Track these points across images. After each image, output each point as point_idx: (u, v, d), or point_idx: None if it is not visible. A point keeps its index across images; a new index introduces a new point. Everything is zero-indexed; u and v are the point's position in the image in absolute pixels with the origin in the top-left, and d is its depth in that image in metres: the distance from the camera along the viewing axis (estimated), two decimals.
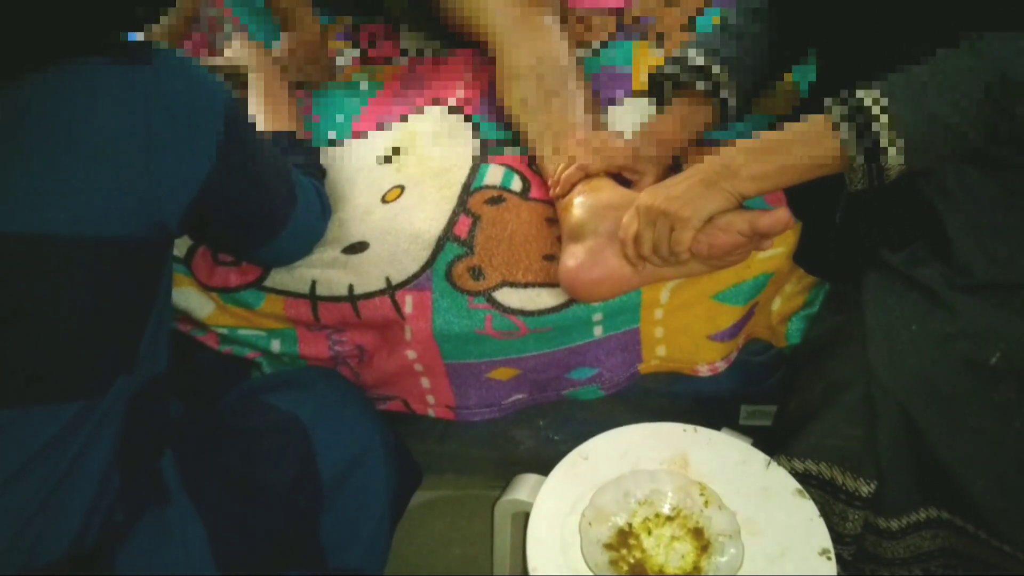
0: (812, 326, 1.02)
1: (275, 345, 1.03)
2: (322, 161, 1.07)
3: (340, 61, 1.30)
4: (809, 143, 0.81)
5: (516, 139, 1.10)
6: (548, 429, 1.19)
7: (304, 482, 0.88)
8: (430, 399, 1.06)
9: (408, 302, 0.96)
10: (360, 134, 1.16)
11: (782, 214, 0.82)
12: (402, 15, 1.35)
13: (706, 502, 0.83)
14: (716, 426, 0.93)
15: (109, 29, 0.70)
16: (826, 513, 0.83)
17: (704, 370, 1.05)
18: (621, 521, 0.83)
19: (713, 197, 0.82)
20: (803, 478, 0.89)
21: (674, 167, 1.03)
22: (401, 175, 1.05)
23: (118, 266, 0.70)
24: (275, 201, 0.87)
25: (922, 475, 0.88)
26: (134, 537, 0.76)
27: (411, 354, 1.00)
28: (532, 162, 1.07)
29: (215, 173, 0.74)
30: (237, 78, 1.11)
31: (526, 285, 0.95)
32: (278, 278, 0.98)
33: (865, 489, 0.88)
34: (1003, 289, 0.86)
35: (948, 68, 0.76)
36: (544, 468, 0.90)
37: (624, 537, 0.82)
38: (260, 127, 1.03)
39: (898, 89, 0.77)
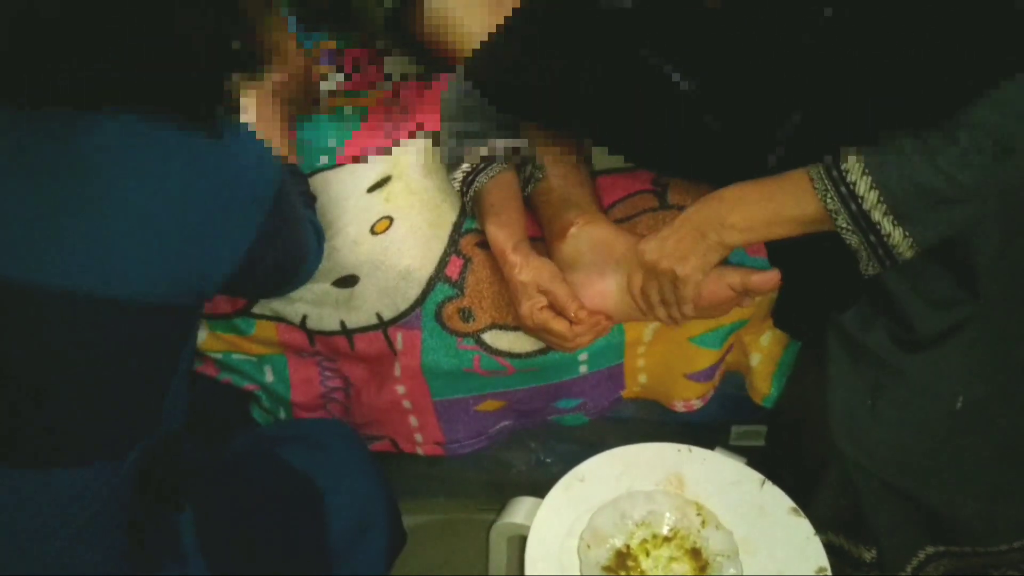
0: (782, 402, 1.03)
1: (268, 373, 1.02)
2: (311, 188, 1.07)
3: (324, 87, 1.30)
4: (791, 193, 0.81)
5: None
6: (540, 451, 1.19)
7: (314, 551, 0.87)
8: (418, 437, 1.06)
9: (399, 339, 0.96)
10: (347, 162, 1.15)
11: (773, 275, 0.84)
12: (379, 33, 1.35)
13: (703, 522, 0.83)
14: (708, 446, 0.93)
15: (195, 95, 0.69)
16: None
17: (680, 406, 1.06)
18: (619, 543, 0.82)
19: (706, 250, 0.83)
20: None
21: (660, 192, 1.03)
22: (390, 205, 1.04)
23: (151, 331, 0.69)
24: (295, 256, 0.88)
25: (916, 524, 0.90)
26: None
27: (400, 389, 1.00)
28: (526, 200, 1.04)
29: (256, 243, 0.74)
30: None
31: (515, 328, 0.95)
32: (270, 305, 0.98)
33: (867, 555, 0.91)
34: (948, 335, 0.86)
35: (934, 138, 0.75)
36: (536, 490, 0.89)
37: (622, 559, 0.81)
38: None
39: (877, 155, 0.77)
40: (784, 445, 1.02)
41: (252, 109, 1.08)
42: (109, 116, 0.65)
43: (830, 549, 0.92)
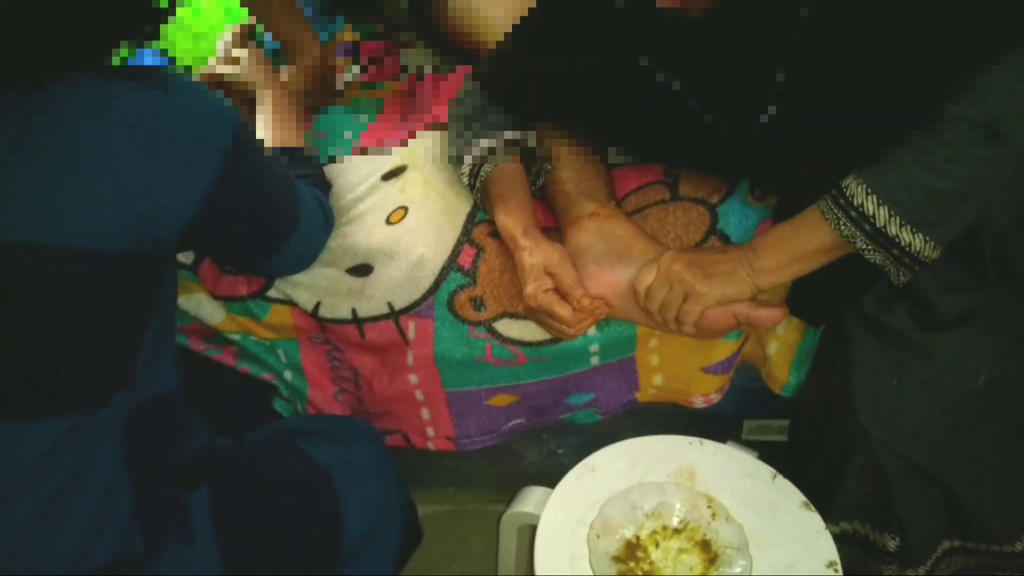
0: (805, 389, 1.03)
1: (280, 357, 1.03)
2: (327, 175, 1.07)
3: (343, 80, 1.30)
4: (806, 229, 0.84)
5: None
6: (552, 442, 1.19)
7: (327, 547, 0.87)
8: (430, 431, 1.07)
9: (411, 328, 0.97)
10: (363, 151, 1.16)
11: (777, 314, 0.87)
12: (401, 21, 1.35)
13: (713, 515, 0.83)
14: (720, 440, 0.93)
15: (109, 44, 0.71)
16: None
17: (699, 401, 1.06)
18: (629, 533, 0.82)
19: (733, 282, 0.86)
20: (844, 539, 0.91)
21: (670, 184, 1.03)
22: (405, 195, 1.04)
23: (110, 279, 0.70)
24: (277, 218, 0.88)
25: (938, 513, 0.90)
26: (153, 572, 0.76)
27: (413, 378, 1.00)
28: (540, 192, 1.04)
29: (216, 194, 0.75)
30: (245, 94, 1.11)
31: (526, 317, 0.96)
32: (285, 289, 0.98)
33: (892, 544, 0.91)
34: (969, 316, 0.87)
35: (923, 141, 0.77)
36: (547, 482, 0.89)
37: (632, 549, 0.81)
38: (268, 143, 1.03)
39: (875, 173, 0.79)
40: (808, 435, 1.02)
41: (268, 103, 1.09)
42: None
43: (853, 539, 0.93)
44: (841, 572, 0.79)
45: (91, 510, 0.73)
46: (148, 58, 1.19)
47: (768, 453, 0.93)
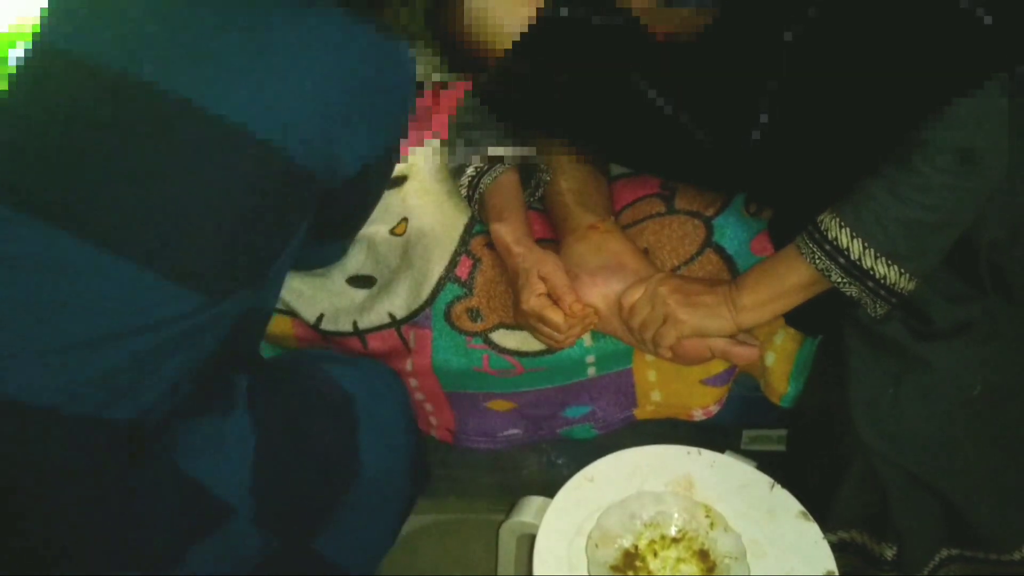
0: (803, 399, 1.04)
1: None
2: None
3: None
4: (784, 265, 0.86)
5: None
6: (551, 453, 1.20)
7: (344, 459, 0.88)
8: (433, 420, 1.08)
9: (411, 337, 0.98)
10: None
11: (752, 352, 0.89)
12: (415, 28, 1.35)
13: (711, 524, 0.84)
14: (719, 450, 0.93)
15: None
16: None
17: (699, 414, 1.06)
18: (627, 543, 0.83)
19: (713, 316, 0.88)
20: (841, 548, 0.92)
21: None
22: (406, 206, 1.05)
23: (282, 182, 0.74)
24: (363, 214, 0.95)
25: (936, 522, 0.91)
26: (197, 430, 0.78)
27: (413, 382, 1.01)
28: (537, 202, 1.05)
29: (382, 156, 0.81)
30: None
31: (522, 327, 0.96)
32: (288, 300, 0.99)
33: (889, 553, 0.91)
34: (966, 326, 0.87)
35: (895, 172, 0.78)
36: (548, 492, 0.90)
37: (630, 559, 0.82)
38: None
39: (849, 206, 0.80)
40: (806, 445, 1.03)
41: None
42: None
43: (851, 548, 0.94)
44: None
45: (168, 385, 0.74)
46: None
47: (767, 463, 0.93)
